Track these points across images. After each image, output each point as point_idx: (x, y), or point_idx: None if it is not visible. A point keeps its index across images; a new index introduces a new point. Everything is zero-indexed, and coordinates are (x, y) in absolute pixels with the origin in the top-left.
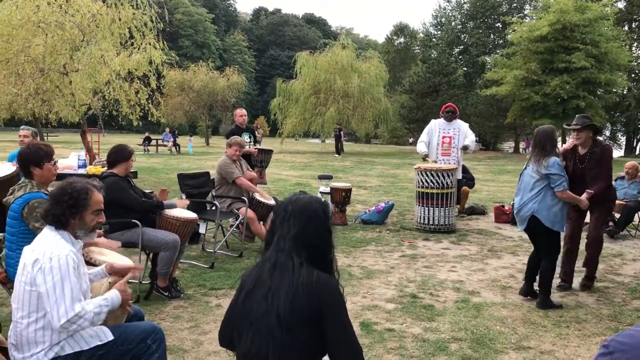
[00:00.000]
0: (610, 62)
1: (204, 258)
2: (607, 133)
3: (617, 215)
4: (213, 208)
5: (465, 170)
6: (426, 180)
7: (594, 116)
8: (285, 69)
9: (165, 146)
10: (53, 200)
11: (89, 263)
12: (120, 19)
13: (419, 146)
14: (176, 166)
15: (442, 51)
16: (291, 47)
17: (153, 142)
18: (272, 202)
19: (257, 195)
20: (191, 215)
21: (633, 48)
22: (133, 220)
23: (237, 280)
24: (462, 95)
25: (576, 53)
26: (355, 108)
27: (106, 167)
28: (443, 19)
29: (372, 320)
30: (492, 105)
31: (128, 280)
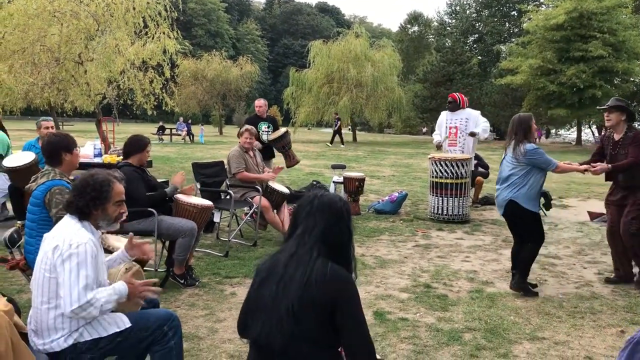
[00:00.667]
0: (627, 51)
1: (219, 246)
2: None
3: None
4: (227, 197)
5: (478, 158)
6: (440, 170)
7: None
8: (298, 58)
9: (179, 135)
10: (76, 192)
11: (106, 250)
12: (134, 8)
13: (434, 137)
14: (190, 155)
15: (457, 40)
16: (304, 36)
17: (167, 132)
18: (286, 191)
19: (271, 182)
20: (207, 202)
21: None
22: (149, 209)
23: (253, 269)
24: (477, 84)
25: (593, 41)
26: (368, 97)
27: (122, 157)
28: (458, 7)
29: (386, 309)
30: (507, 94)
31: (141, 272)
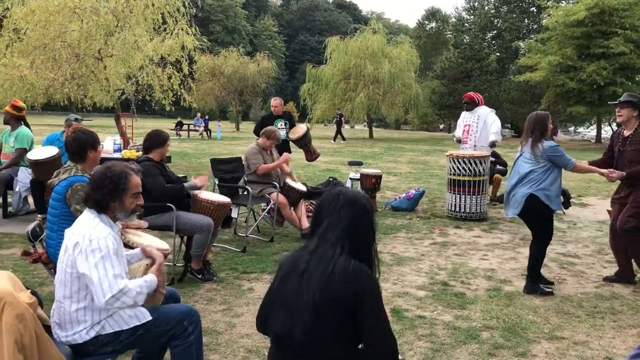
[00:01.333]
0: None
1: (236, 242)
2: None
3: None
4: (245, 193)
5: (496, 155)
6: (458, 167)
7: None
8: (315, 54)
9: (196, 131)
10: (94, 185)
11: (126, 245)
12: (153, 5)
13: (456, 134)
14: (207, 151)
15: (475, 36)
16: (321, 32)
17: (184, 127)
18: (304, 188)
19: (289, 180)
20: (225, 199)
21: None
22: (168, 204)
23: (272, 264)
24: (495, 81)
25: (614, 38)
26: (385, 94)
27: (141, 152)
28: (476, 3)
29: (403, 307)
30: (526, 91)
31: (164, 264)
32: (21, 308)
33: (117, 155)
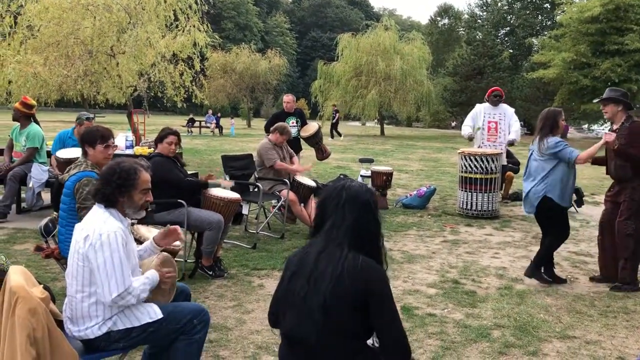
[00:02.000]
0: None
1: (247, 239)
2: None
3: None
4: (255, 190)
5: (509, 155)
6: (470, 165)
7: None
8: (326, 51)
9: (208, 128)
10: (102, 179)
11: (137, 241)
12: (165, 1)
13: (464, 129)
14: (218, 148)
15: (488, 33)
16: (333, 29)
17: (196, 124)
18: (313, 184)
19: (298, 176)
20: (235, 195)
21: None
22: (179, 200)
23: (283, 261)
24: (508, 78)
25: (629, 34)
26: (397, 91)
27: (153, 149)
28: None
29: (413, 304)
30: (539, 88)
31: (174, 261)
32: (34, 303)
33: (129, 151)
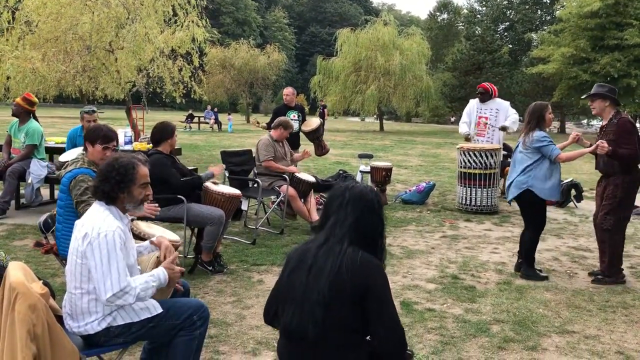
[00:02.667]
0: None
1: (246, 234)
2: None
3: None
4: (255, 185)
5: (508, 149)
6: (469, 160)
7: None
8: (325, 46)
9: (207, 124)
10: (101, 176)
11: (137, 237)
12: None
13: (461, 127)
14: (218, 143)
15: (487, 28)
16: (332, 24)
17: (195, 120)
18: (313, 180)
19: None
20: (235, 191)
21: None
22: (178, 196)
23: (282, 256)
24: (507, 73)
25: (629, 29)
26: (396, 86)
27: (151, 145)
28: None
29: (413, 300)
30: (538, 83)
31: (176, 258)
32: (34, 298)
33: (128, 147)
